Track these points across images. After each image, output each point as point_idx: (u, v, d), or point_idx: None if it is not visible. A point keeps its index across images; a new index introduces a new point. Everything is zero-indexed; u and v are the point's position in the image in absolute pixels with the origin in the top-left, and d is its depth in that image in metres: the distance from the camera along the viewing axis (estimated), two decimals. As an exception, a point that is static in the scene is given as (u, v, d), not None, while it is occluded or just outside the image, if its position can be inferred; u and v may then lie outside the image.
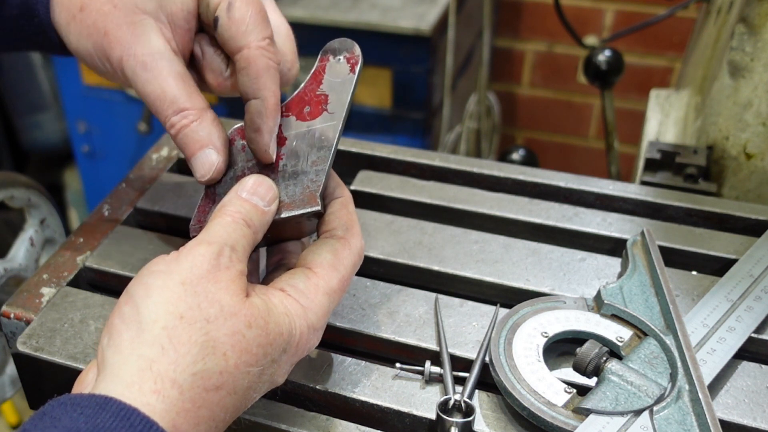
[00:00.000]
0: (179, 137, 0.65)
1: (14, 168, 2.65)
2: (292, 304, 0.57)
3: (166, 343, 0.51)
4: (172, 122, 0.65)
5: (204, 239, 0.56)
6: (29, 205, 0.91)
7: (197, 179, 0.66)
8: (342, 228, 0.63)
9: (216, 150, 0.65)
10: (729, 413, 0.62)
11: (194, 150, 0.65)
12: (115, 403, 0.48)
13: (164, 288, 0.53)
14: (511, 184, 0.88)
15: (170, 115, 0.65)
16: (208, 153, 0.65)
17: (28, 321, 0.73)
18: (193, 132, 0.65)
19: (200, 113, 0.65)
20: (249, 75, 0.63)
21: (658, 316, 0.68)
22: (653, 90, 1.23)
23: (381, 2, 2.05)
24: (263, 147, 0.64)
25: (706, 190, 0.91)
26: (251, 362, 0.53)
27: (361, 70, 0.66)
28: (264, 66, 0.63)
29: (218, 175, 0.66)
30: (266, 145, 0.64)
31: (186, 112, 0.65)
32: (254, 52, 0.63)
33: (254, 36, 0.63)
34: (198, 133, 0.65)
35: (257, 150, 0.65)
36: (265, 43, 0.64)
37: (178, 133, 0.65)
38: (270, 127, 0.64)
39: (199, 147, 0.65)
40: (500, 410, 0.64)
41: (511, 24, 2.63)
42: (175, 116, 0.65)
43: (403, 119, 2.10)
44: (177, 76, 0.65)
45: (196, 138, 0.65)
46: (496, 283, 0.75)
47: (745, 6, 0.90)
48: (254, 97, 0.64)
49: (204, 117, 0.65)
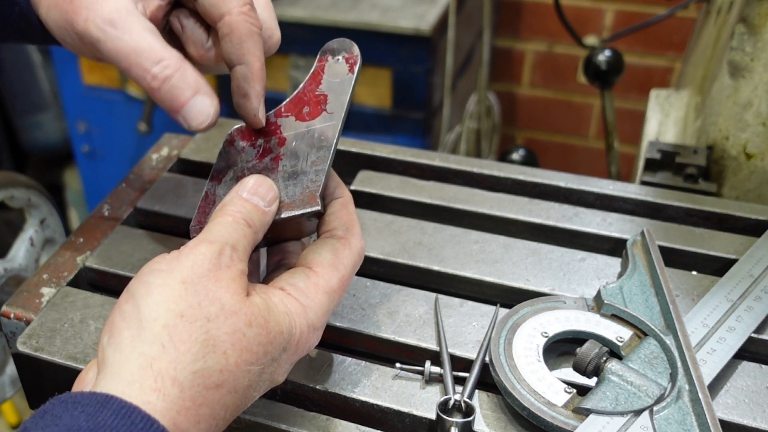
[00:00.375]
0: (164, 89, 0.62)
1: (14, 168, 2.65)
2: (292, 303, 0.58)
3: (167, 341, 0.51)
4: (154, 73, 0.62)
5: (205, 238, 0.56)
6: (29, 205, 0.91)
7: (194, 127, 0.63)
8: (342, 228, 0.63)
9: (208, 95, 0.63)
10: (729, 413, 0.62)
11: (186, 98, 0.63)
12: (116, 402, 0.48)
13: (165, 286, 0.53)
14: (511, 184, 0.88)
15: (149, 66, 0.62)
16: (201, 99, 0.63)
17: (28, 321, 0.73)
18: (180, 80, 0.62)
19: (181, 62, 0.63)
20: (232, 41, 0.62)
21: (658, 316, 0.68)
22: (653, 90, 1.23)
23: (381, 2, 2.05)
24: (252, 112, 0.64)
25: (706, 190, 0.91)
26: (251, 361, 0.53)
27: (360, 71, 0.66)
28: (247, 31, 0.62)
29: (214, 120, 0.64)
30: (255, 110, 0.64)
31: (166, 62, 0.62)
32: (236, 17, 0.62)
33: (235, 2, 0.63)
34: (186, 80, 0.62)
35: (246, 116, 0.64)
36: (246, 8, 0.63)
37: (162, 85, 0.62)
38: (257, 91, 0.64)
39: (192, 93, 0.63)
40: (500, 410, 0.64)
41: (511, 24, 2.63)
42: (155, 66, 0.62)
43: (403, 119, 2.10)
44: (148, 30, 0.63)
45: (185, 86, 0.62)
46: (496, 283, 0.75)
47: (745, 6, 0.90)
48: (239, 63, 0.63)
49: (186, 66, 0.63)
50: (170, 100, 0.63)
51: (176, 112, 0.64)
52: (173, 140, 0.96)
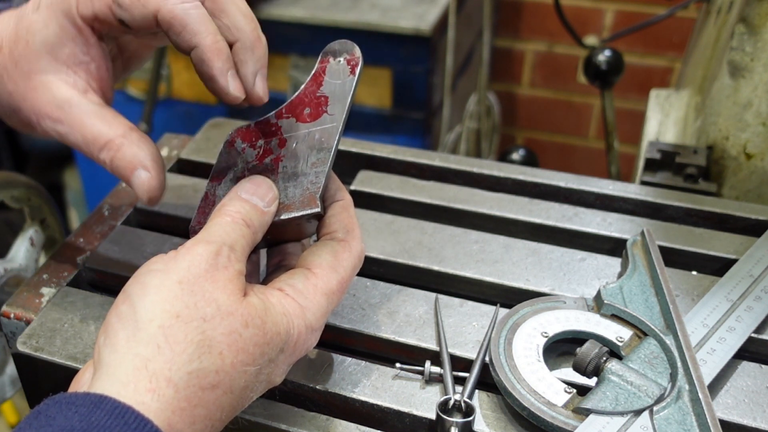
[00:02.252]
0: (113, 168, 0.64)
1: (14, 168, 2.65)
2: (291, 303, 0.57)
3: (162, 341, 0.51)
4: (102, 159, 0.64)
5: (203, 238, 0.56)
6: (29, 205, 0.91)
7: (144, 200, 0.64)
8: (342, 231, 0.63)
9: (144, 168, 0.63)
10: (729, 413, 0.62)
11: (128, 175, 0.64)
12: (110, 402, 0.48)
13: (161, 287, 0.53)
14: (511, 184, 0.88)
15: (97, 154, 0.64)
16: (138, 174, 0.63)
17: (28, 321, 0.73)
18: (120, 159, 0.63)
19: (121, 138, 0.64)
20: (175, 32, 0.61)
21: (658, 316, 0.68)
22: (653, 90, 1.23)
23: (381, 2, 2.05)
24: (224, 90, 0.62)
25: (706, 190, 0.91)
26: (248, 361, 0.53)
27: (362, 72, 0.66)
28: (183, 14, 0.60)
29: (157, 192, 0.64)
30: (225, 88, 0.62)
31: (109, 144, 0.63)
32: (169, 7, 0.60)
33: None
34: (124, 159, 0.63)
35: (223, 97, 0.63)
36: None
37: (111, 166, 0.64)
38: (219, 68, 0.61)
39: (130, 171, 0.63)
40: (500, 410, 0.64)
41: (511, 24, 2.63)
42: (101, 153, 0.64)
43: (403, 119, 2.10)
44: (91, 114, 0.64)
45: (124, 164, 0.63)
46: (496, 283, 0.75)
47: (745, 6, 0.90)
48: (190, 48, 0.61)
49: (125, 141, 0.64)
50: (122, 178, 0.64)
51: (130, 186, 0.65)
52: (173, 140, 0.96)
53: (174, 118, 2.29)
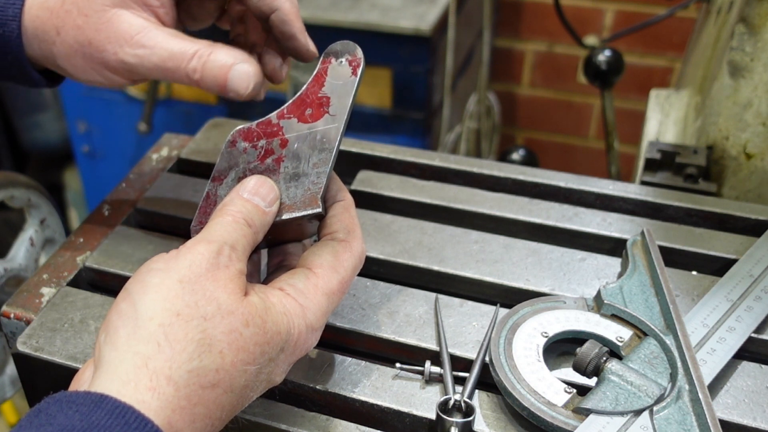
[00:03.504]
0: (205, 74, 0.66)
1: (14, 168, 2.65)
2: (291, 303, 0.57)
3: (162, 340, 0.51)
4: (193, 67, 0.66)
5: (204, 238, 0.56)
6: (29, 205, 0.91)
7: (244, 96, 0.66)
8: (343, 231, 0.63)
9: (246, 62, 0.66)
10: (729, 413, 0.62)
11: (224, 75, 0.66)
12: (110, 401, 0.48)
13: (161, 285, 0.53)
14: (511, 184, 0.88)
15: (186, 63, 0.66)
16: (239, 67, 0.66)
17: (28, 321, 0.73)
18: (213, 62, 0.66)
19: (211, 47, 0.66)
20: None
21: (658, 316, 0.68)
22: (653, 90, 1.23)
23: (381, 2, 2.05)
24: (303, 48, 0.67)
25: (706, 190, 0.91)
26: (248, 360, 0.53)
27: (363, 73, 0.66)
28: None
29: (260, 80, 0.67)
30: (305, 45, 0.67)
31: (199, 52, 0.66)
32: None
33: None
34: (219, 58, 0.66)
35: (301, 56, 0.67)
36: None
37: (203, 72, 0.66)
38: (299, 27, 0.67)
39: (227, 69, 0.66)
40: (500, 410, 0.64)
41: (511, 24, 2.63)
42: (192, 62, 0.66)
43: (403, 119, 2.10)
44: (170, 35, 0.67)
45: (219, 65, 0.66)
46: (496, 283, 0.75)
47: (745, 6, 0.90)
48: (271, 11, 0.66)
49: (214, 47, 0.66)
50: (214, 82, 0.66)
51: (225, 90, 0.67)
52: (173, 140, 0.96)
53: (174, 118, 2.29)
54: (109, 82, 0.70)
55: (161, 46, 0.66)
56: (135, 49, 0.66)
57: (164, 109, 2.27)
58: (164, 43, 0.66)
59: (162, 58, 0.66)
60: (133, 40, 0.66)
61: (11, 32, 0.69)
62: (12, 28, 0.69)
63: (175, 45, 0.66)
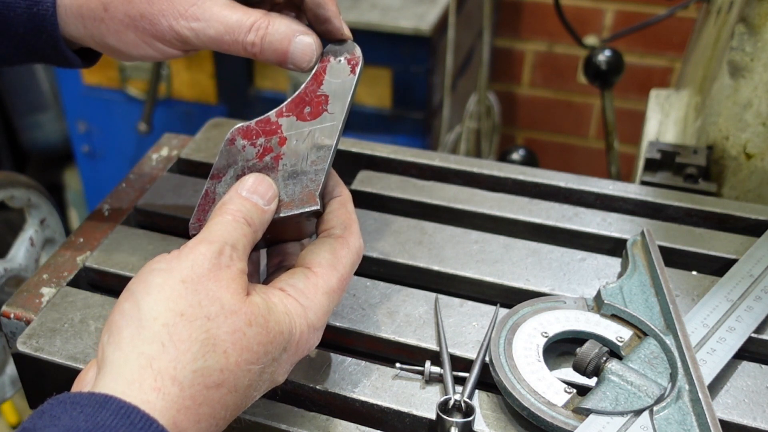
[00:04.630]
0: (265, 48, 0.65)
1: (14, 168, 2.65)
2: (292, 303, 0.58)
3: (167, 340, 0.51)
4: (251, 40, 0.65)
5: (205, 238, 0.56)
6: (29, 205, 0.91)
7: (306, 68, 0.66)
8: (340, 227, 0.63)
9: (306, 34, 0.66)
10: (729, 413, 0.62)
11: (286, 45, 0.65)
12: (115, 402, 0.48)
13: (165, 285, 0.53)
14: (511, 184, 0.88)
15: (243, 37, 0.65)
16: (300, 39, 0.65)
17: (28, 321, 0.73)
18: (273, 34, 0.65)
19: (268, 17, 0.65)
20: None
21: (658, 316, 0.68)
22: (653, 90, 1.23)
23: (381, 2, 2.05)
24: (338, 32, 0.67)
25: (706, 190, 0.91)
26: (252, 360, 0.53)
27: (362, 72, 0.66)
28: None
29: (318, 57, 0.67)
30: (340, 29, 0.66)
31: (256, 24, 0.65)
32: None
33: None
34: (279, 31, 0.65)
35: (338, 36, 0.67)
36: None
37: (262, 44, 0.65)
38: (334, 11, 0.66)
39: (288, 40, 0.65)
40: (500, 410, 0.64)
41: (511, 24, 2.63)
42: (249, 34, 0.65)
43: (403, 119, 2.09)
44: (227, 6, 0.66)
45: (281, 36, 0.65)
46: (496, 283, 0.75)
47: (745, 6, 0.90)
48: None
49: (274, 17, 0.66)
50: (274, 54, 0.65)
51: (285, 63, 0.66)
52: (173, 140, 0.96)
53: (174, 118, 2.29)
54: (162, 55, 0.69)
55: (217, 19, 0.65)
56: (191, 22, 0.65)
57: (164, 109, 2.27)
58: (220, 15, 0.65)
59: (219, 32, 0.65)
60: (188, 13, 0.65)
61: (45, 10, 0.68)
62: (47, 6, 0.68)
63: (231, 16, 0.65)
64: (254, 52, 0.65)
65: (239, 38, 0.65)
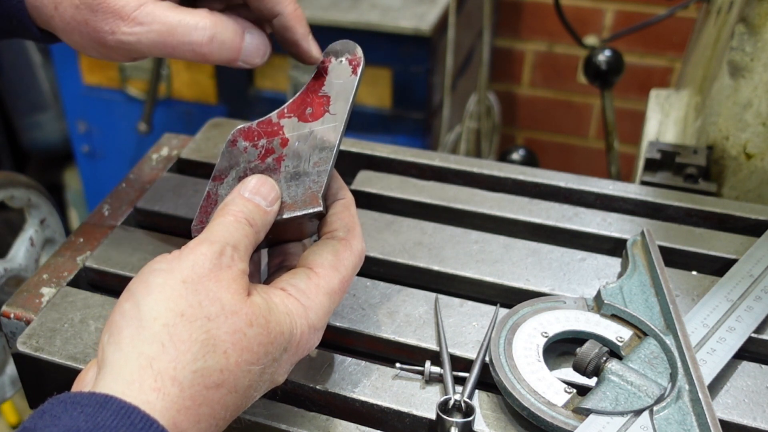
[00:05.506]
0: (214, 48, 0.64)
1: (14, 168, 2.65)
2: (293, 303, 0.58)
3: (167, 340, 0.51)
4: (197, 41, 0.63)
5: (206, 238, 0.56)
6: (29, 205, 0.91)
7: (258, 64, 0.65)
8: (343, 229, 0.63)
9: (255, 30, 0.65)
10: (729, 413, 0.62)
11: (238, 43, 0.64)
12: (116, 402, 0.48)
13: (165, 286, 0.53)
14: (511, 184, 0.88)
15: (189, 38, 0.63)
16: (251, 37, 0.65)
17: (28, 321, 0.73)
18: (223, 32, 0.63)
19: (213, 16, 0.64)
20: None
21: (658, 316, 0.68)
22: (653, 90, 1.23)
23: (381, 2, 2.05)
24: (306, 54, 0.66)
25: (706, 190, 0.91)
26: (252, 360, 0.53)
27: (363, 72, 0.66)
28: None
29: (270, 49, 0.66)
30: (308, 52, 0.65)
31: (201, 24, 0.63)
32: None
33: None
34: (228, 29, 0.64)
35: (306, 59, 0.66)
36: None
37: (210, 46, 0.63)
38: (302, 33, 0.65)
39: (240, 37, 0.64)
40: (500, 410, 0.64)
41: (511, 24, 2.63)
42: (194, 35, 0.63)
43: (403, 119, 2.09)
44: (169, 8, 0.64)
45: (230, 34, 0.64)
46: (496, 283, 0.75)
47: (745, 6, 0.90)
48: (273, 16, 0.64)
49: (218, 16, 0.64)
50: (224, 54, 0.64)
51: (235, 61, 0.65)
52: (173, 140, 0.96)
53: (174, 118, 2.29)
54: (110, 59, 0.68)
55: (159, 20, 0.63)
56: (132, 27, 0.63)
57: (164, 109, 2.27)
58: (162, 16, 0.63)
59: (161, 34, 0.63)
60: (130, 17, 0.63)
61: None
62: None
63: (173, 17, 0.63)
64: (203, 53, 0.64)
65: (184, 39, 0.63)
